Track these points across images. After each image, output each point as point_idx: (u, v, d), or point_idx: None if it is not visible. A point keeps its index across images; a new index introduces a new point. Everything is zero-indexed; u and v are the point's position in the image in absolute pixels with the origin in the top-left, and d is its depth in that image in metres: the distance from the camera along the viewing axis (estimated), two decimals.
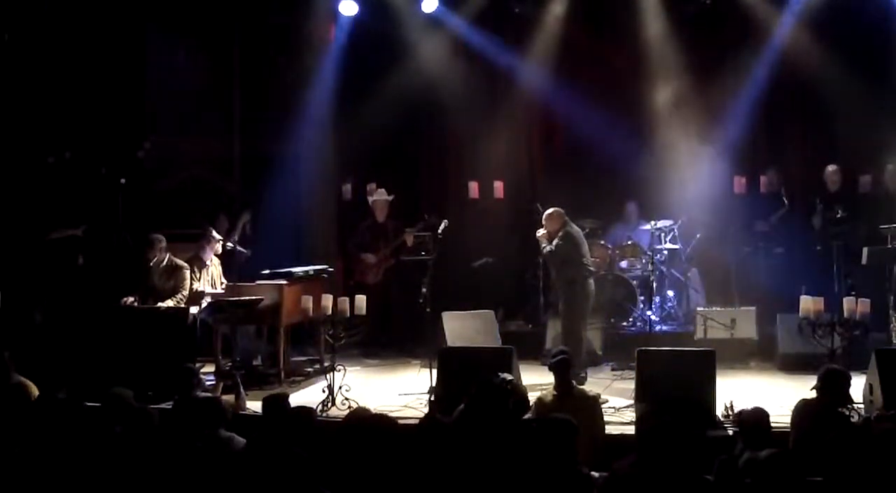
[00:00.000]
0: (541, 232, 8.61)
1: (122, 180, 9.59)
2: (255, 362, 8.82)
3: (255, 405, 7.26)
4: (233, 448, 5.18)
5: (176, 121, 10.97)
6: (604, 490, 4.36)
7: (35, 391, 6.10)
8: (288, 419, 5.23)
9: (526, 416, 6.83)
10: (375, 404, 7.40)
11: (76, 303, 9.04)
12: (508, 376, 5.71)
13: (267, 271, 8.86)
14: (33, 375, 6.71)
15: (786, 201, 9.90)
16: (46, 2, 10.05)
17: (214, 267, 9.06)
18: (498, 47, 11.32)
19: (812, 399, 5.74)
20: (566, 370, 6.29)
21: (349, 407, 6.98)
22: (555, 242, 8.45)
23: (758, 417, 5.00)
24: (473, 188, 11.53)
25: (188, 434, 5.12)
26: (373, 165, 11.54)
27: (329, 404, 7.24)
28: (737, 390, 7.28)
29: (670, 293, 10.44)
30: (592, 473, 4.53)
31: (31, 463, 4.73)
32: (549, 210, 8.61)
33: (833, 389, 5.62)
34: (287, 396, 5.73)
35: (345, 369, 7.50)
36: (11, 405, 5.56)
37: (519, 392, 5.90)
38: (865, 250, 8.81)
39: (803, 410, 5.66)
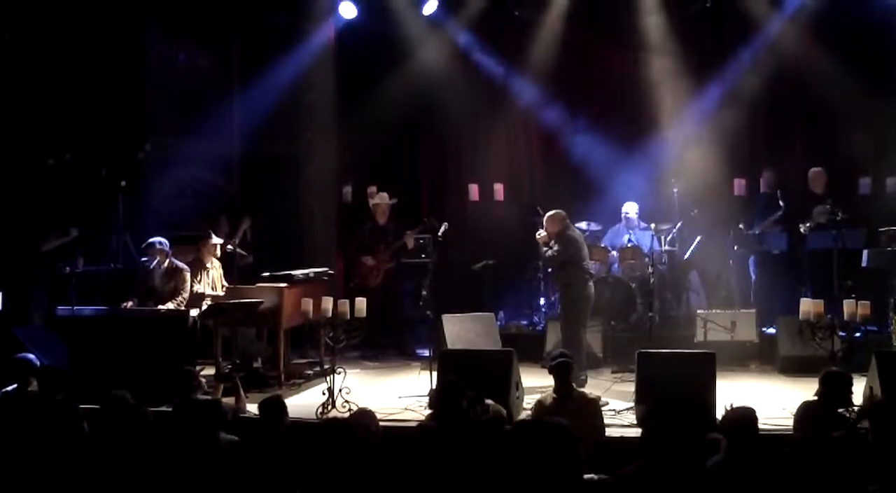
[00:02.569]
0: (541, 233, 8.60)
1: (123, 182, 9.59)
2: (255, 365, 8.81)
3: (255, 408, 7.27)
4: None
5: (176, 121, 10.96)
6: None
7: None
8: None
9: (523, 416, 6.87)
10: (375, 407, 7.40)
11: (76, 303, 9.03)
12: (489, 401, 5.88)
13: (267, 274, 8.87)
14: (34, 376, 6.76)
15: (781, 204, 9.91)
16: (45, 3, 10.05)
17: (215, 269, 9.06)
18: (497, 49, 11.35)
19: (814, 401, 5.73)
20: (566, 373, 6.28)
21: (349, 410, 6.97)
22: (555, 247, 8.44)
23: (741, 416, 4.86)
24: (473, 191, 11.53)
25: (188, 437, 5.12)
26: (373, 167, 11.54)
27: (329, 407, 7.23)
28: (737, 393, 7.26)
29: (670, 296, 10.43)
30: (592, 476, 4.53)
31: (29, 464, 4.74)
32: (550, 212, 8.60)
33: (834, 391, 5.60)
34: (281, 398, 5.74)
35: (345, 372, 7.49)
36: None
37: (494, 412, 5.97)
38: (866, 252, 8.82)
39: (805, 412, 5.66)
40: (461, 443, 4.85)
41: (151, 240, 8.79)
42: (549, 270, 8.73)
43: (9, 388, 6.68)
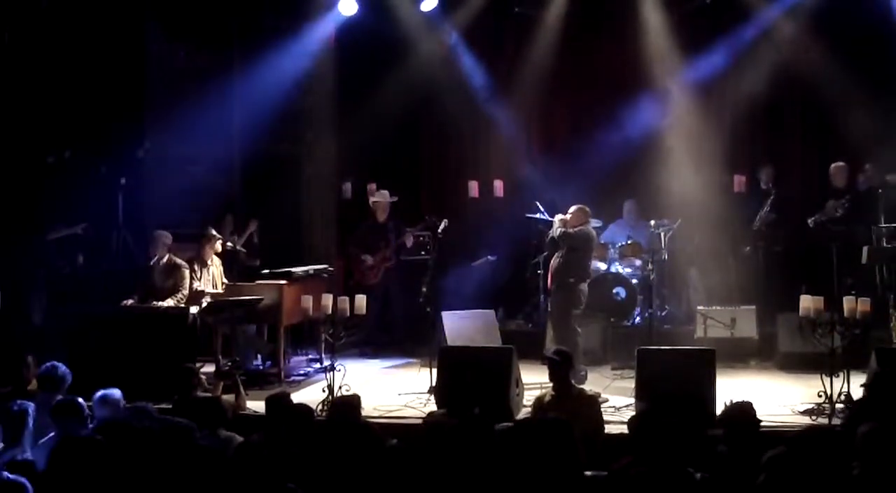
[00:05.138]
0: (561, 216, 8.54)
1: (123, 180, 9.58)
2: (255, 362, 8.82)
3: (255, 405, 7.28)
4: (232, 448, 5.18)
5: (176, 119, 10.96)
6: (602, 490, 4.35)
7: None
8: (291, 417, 5.27)
9: (523, 413, 6.87)
10: (375, 404, 7.42)
11: (76, 302, 9.04)
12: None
13: (267, 271, 8.87)
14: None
15: (773, 191, 9.92)
16: (45, 1, 10.04)
17: (215, 267, 9.07)
18: (497, 46, 11.34)
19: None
20: (563, 370, 6.28)
21: None
22: (574, 228, 8.41)
23: (740, 411, 4.86)
24: (473, 187, 11.53)
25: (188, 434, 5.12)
26: (373, 164, 11.54)
27: (329, 404, 7.23)
28: (737, 390, 7.26)
29: (670, 292, 10.43)
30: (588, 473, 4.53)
31: None
32: (578, 205, 8.55)
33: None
34: (288, 394, 5.75)
35: (344, 369, 7.50)
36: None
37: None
38: (865, 248, 8.81)
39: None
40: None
41: (159, 232, 8.81)
42: (555, 257, 8.60)
43: None
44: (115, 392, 5.72)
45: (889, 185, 9.59)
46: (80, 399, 5.55)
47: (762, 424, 5.03)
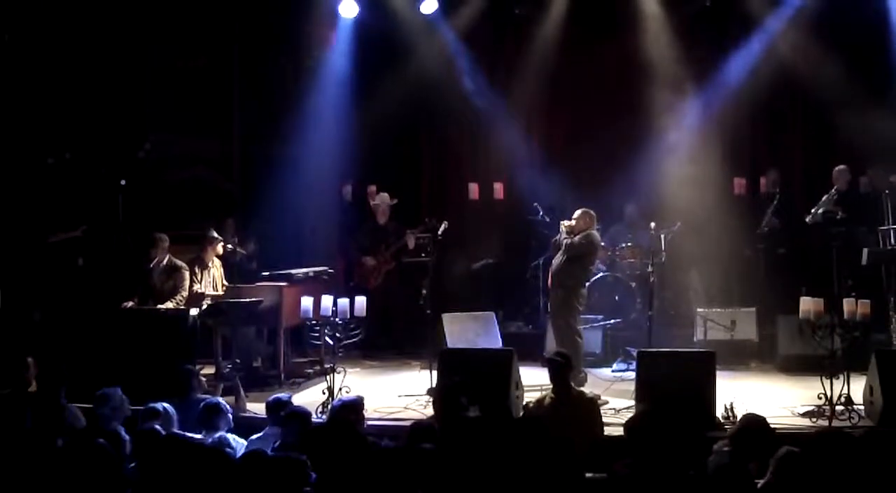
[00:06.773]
0: (567, 222, 8.55)
1: (122, 181, 9.58)
2: (254, 364, 8.82)
3: (255, 407, 7.28)
4: (232, 449, 5.18)
5: (176, 121, 10.97)
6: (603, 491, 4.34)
7: None
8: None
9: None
10: (375, 406, 7.41)
11: (76, 303, 9.03)
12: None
13: (267, 273, 8.86)
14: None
15: (778, 195, 9.93)
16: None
17: (216, 268, 9.06)
18: (497, 48, 11.33)
19: None
20: (562, 373, 6.29)
21: None
22: (579, 236, 8.41)
23: (752, 421, 4.92)
24: (473, 189, 11.52)
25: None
26: (373, 166, 11.53)
27: (329, 406, 7.22)
28: (737, 392, 7.28)
29: (670, 294, 10.42)
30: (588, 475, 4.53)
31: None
32: (585, 209, 8.58)
33: None
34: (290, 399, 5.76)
35: (345, 371, 7.50)
36: None
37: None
38: (865, 250, 8.81)
39: None
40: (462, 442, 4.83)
41: (158, 235, 8.81)
42: (556, 259, 8.61)
43: None
44: (115, 391, 5.72)
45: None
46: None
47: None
